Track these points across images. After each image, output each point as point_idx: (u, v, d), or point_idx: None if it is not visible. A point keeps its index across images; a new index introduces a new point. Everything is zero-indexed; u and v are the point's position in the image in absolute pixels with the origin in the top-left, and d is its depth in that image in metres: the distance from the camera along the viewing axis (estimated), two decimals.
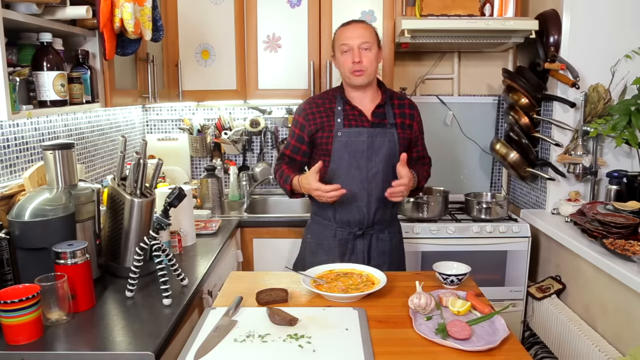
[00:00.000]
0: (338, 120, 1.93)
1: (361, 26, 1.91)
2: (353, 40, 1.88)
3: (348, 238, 1.98)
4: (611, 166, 2.47)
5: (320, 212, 2.02)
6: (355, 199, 1.93)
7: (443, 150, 3.05)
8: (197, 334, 1.28)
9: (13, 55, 1.58)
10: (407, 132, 1.98)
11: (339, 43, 1.92)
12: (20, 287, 1.32)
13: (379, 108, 1.95)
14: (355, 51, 1.87)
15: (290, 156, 2.03)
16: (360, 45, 1.87)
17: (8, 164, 1.74)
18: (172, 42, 2.60)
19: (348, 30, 1.91)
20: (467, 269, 1.62)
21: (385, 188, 1.88)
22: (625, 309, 1.84)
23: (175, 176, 2.98)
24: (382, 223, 2.00)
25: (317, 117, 1.96)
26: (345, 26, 1.93)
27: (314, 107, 1.98)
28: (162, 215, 1.54)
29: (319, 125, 1.94)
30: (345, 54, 1.90)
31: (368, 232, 1.98)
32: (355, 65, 1.87)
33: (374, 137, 1.91)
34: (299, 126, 1.99)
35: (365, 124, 1.93)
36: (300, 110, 2.00)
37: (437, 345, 1.25)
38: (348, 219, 1.96)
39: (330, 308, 1.44)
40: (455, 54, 3.00)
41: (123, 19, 1.69)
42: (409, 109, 2.01)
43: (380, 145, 1.92)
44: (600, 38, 2.40)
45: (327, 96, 2.01)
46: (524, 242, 2.51)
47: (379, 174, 1.92)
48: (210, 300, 1.79)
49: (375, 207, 1.95)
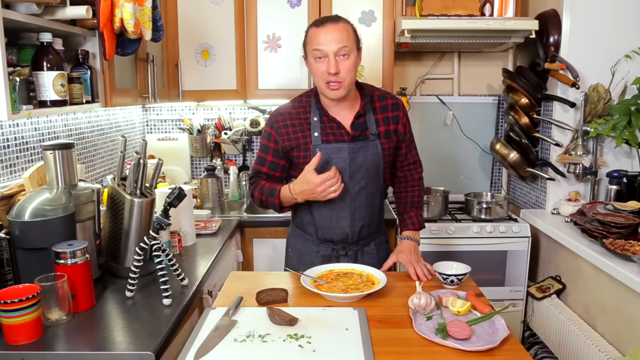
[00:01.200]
0: (315, 135, 1.71)
1: (338, 28, 1.60)
2: (328, 45, 1.59)
3: (332, 254, 1.83)
4: (611, 166, 2.47)
5: (302, 225, 1.85)
6: (338, 220, 1.76)
7: (443, 150, 3.06)
8: (197, 334, 1.28)
9: (13, 55, 1.58)
10: (392, 139, 1.77)
11: (311, 47, 1.63)
12: (20, 287, 1.32)
13: (359, 118, 1.72)
14: (331, 60, 1.59)
15: (268, 173, 1.79)
16: (337, 52, 1.59)
17: (8, 164, 1.74)
18: (172, 42, 2.60)
19: (322, 33, 1.60)
20: (467, 269, 1.62)
21: (371, 204, 1.77)
22: (625, 309, 1.84)
23: (175, 176, 2.98)
24: (368, 237, 1.84)
25: (291, 131, 1.73)
26: (318, 27, 1.62)
27: (287, 118, 1.75)
28: (162, 215, 1.54)
29: (293, 143, 1.73)
30: (318, 61, 1.61)
31: (352, 249, 1.83)
32: (330, 76, 1.60)
33: (355, 153, 1.70)
34: (272, 140, 1.76)
35: (345, 138, 1.71)
36: (272, 123, 1.76)
37: (437, 345, 1.25)
38: (332, 237, 1.80)
39: (330, 308, 1.44)
40: (455, 54, 3.00)
41: (123, 19, 1.69)
42: (393, 111, 1.77)
43: (363, 161, 1.71)
44: (600, 38, 2.40)
45: (301, 103, 1.77)
46: (524, 242, 2.51)
47: (363, 191, 1.74)
48: (210, 300, 1.79)
49: (359, 226, 1.78)
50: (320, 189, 1.60)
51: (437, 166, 3.02)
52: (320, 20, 1.66)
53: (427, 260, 1.74)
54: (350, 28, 1.65)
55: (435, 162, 3.00)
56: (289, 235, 1.95)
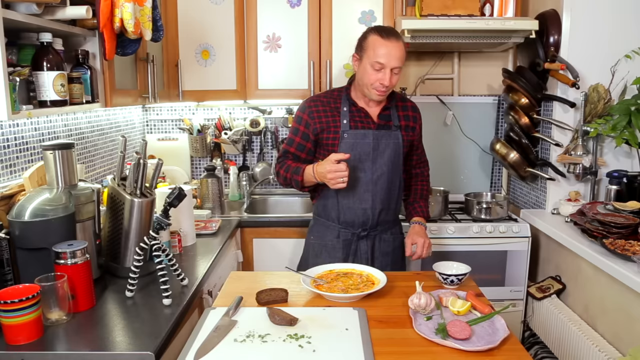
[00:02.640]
0: (344, 121, 1.91)
1: (400, 46, 1.79)
2: (390, 61, 1.77)
3: (352, 239, 1.97)
4: (611, 166, 2.47)
5: (324, 213, 2.01)
6: (360, 200, 1.93)
7: (443, 150, 3.06)
8: (197, 334, 1.28)
9: (13, 55, 1.58)
10: (410, 134, 1.98)
11: (373, 56, 1.79)
12: (20, 287, 1.32)
13: (385, 110, 1.94)
14: (387, 73, 1.79)
15: (295, 154, 1.98)
16: (394, 67, 1.79)
17: (8, 164, 1.74)
18: (172, 42, 2.60)
19: (387, 47, 1.77)
20: (467, 269, 1.62)
21: (390, 189, 1.93)
22: (625, 309, 1.84)
23: (175, 176, 2.98)
24: (385, 224, 2.00)
25: (323, 116, 1.93)
26: (385, 39, 1.78)
27: (319, 105, 1.95)
28: (162, 215, 1.54)
29: (324, 125, 1.92)
30: (375, 70, 1.80)
31: (371, 234, 1.98)
32: (382, 86, 1.81)
33: (379, 139, 1.91)
34: (303, 123, 1.94)
35: (371, 126, 1.92)
36: (305, 108, 1.96)
37: (437, 345, 1.25)
38: (353, 220, 1.95)
39: (330, 308, 1.44)
40: (455, 54, 3.00)
41: (123, 19, 1.69)
42: (412, 112, 2.01)
43: (386, 147, 1.92)
44: (600, 38, 2.40)
45: (331, 95, 1.98)
46: (524, 242, 2.51)
47: (384, 176, 1.92)
48: (210, 300, 1.79)
49: (379, 209, 1.94)
50: (330, 176, 1.76)
51: (437, 166, 3.01)
52: (385, 31, 1.82)
53: (427, 260, 1.76)
54: (404, 46, 1.83)
55: (435, 162, 2.97)
56: (310, 226, 2.10)
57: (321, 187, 1.97)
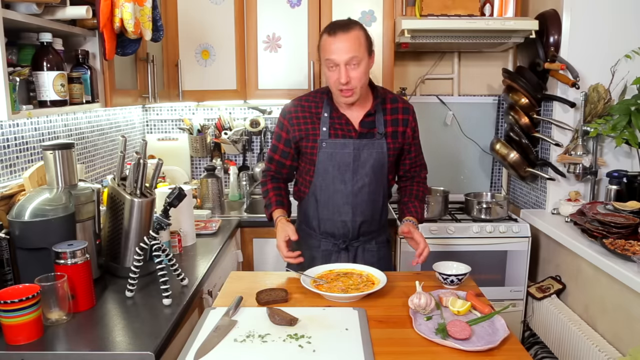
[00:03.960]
0: (323, 129, 1.78)
1: (349, 37, 1.64)
2: (339, 55, 1.63)
3: (332, 250, 1.86)
4: (611, 166, 2.47)
5: (305, 220, 1.92)
6: (340, 213, 1.81)
7: (443, 150, 3.06)
8: (197, 334, 1.28)
9: (13, 55, 1.58)
10: (398, 140, 1.82)
11: (323, 56, 1.69)
12: (20, 287, 1.32)
13: (368, 116, 1.78)
14: (342, 70, 1.64)
15: (280, 161, 1.89)
16: (348, 62, 1.64)
17: (8, 164, 1.74)
18: (172, 42, 2.60)
19: (335, 43, 1.64)
20: (467, 269, 1.62)
21: (373, 200, 1.81)
22: (625, 309, 1.84)
23: (175, 176, 2.98)
24: (368, 234, 1.88)
25: (302, 122, 1.81)
26: (330, 36, 1.66)
27: (299, 111, 1.82)
28: (162, 215, 1.54)
29: (303, 133, 1.80)
30: (331, 70, 1.67)
31: (353, 245, 1.86)
32: (341, 84, 1.66)
33: (360, 149, 1.76)
34: (285, 130, 1.84)
35: (352, 134, 1.77)
36: (286, 113, 1.85)
37: (437, 345, 1.25)
38: (333, 231, 1.85)
39: (330, 308, 1.44)
40: (455, 54, 3.00)
41: (123, 19, 1.69)
42: (403, 114, 1.82)
43: (368, 158, 1.77)
44: (600, 38, 2.40)
45: (314, 99, 1.84)
46: (524, 242, 2.51)
47: (365, 187, 1.79)
48: (210, 300, 1.79)
49: (360, 221, 1.82)
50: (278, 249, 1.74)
51: (437, 166, 3.01)
52: (332, 27, 1.68)
53: (427, 260, 1.74)
54: (362, 34, 1.68)
55: (435, 162, 2.99)
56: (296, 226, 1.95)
57: (302, 195, 1.89)
